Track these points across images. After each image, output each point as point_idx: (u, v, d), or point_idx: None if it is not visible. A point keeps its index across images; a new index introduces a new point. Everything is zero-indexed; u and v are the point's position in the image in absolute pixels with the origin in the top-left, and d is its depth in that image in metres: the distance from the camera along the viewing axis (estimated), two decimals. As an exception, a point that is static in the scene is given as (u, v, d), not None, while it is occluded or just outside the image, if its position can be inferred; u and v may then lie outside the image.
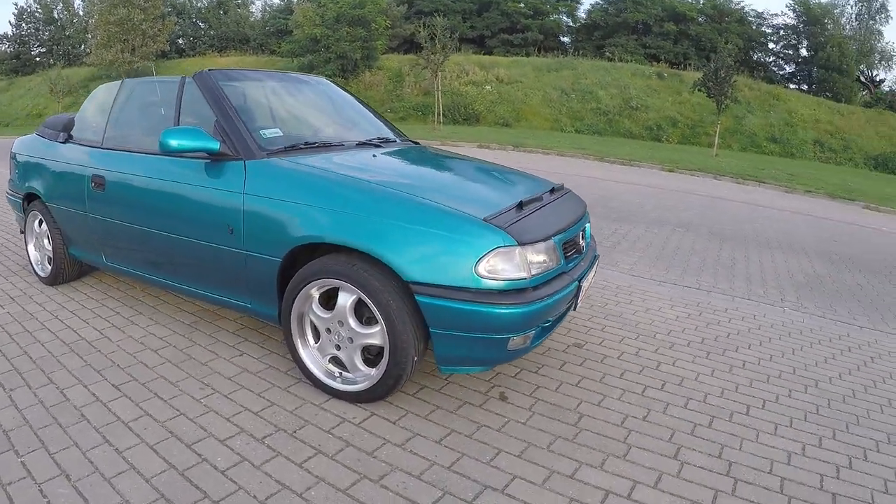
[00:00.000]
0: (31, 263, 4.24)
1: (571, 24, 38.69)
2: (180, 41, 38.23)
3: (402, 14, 33.75)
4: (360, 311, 2.47)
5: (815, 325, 4.06)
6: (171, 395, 2.67)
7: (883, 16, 32.26)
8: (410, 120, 25.98)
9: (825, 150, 25.49)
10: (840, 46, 30.44)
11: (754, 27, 35.21)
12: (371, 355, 2.56)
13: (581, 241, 2.87)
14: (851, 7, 33.38)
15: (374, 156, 3.12)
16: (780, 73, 34.92)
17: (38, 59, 41.99)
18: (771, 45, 35.83)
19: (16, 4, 53.31)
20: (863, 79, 31.96)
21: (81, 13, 39.25)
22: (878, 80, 32.35)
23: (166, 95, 3.28)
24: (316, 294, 2.55)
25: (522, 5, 36.81)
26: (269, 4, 39.96)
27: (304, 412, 2.54)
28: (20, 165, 4.18)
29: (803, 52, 34.46)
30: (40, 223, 4.08)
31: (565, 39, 39.01)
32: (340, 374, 2.61)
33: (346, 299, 2.43)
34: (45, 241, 4.06)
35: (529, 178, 3.35)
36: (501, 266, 2.20)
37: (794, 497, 2.14)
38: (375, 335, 2.39)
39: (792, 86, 33.26)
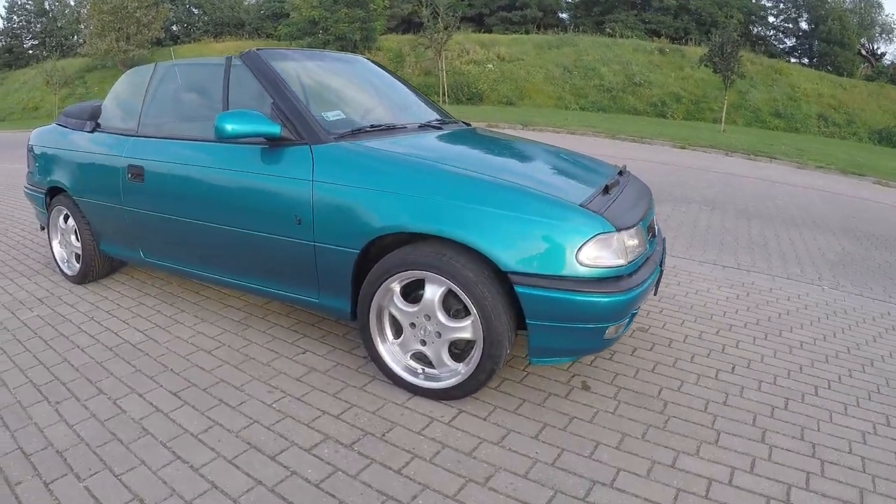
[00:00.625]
0: (57, 262, 4.01)
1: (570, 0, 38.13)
2: (174, 28, 37.55)
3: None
4: (446, 303, 2.33)
5: (856, 304, 4.06)
6: (238, 401, 2.47)
7: (884, -13, 31.87)
8: (412, 101, 25.56)
9: (829, 124, 25.25)
10: (841, 19, 30.05)
11: (754, 0, 34.73)
12: (458, 349, 2.42)
13: (654, 224, 2.85)
14: (851, -21, 33.00)
15: (440, 139, 2.95)
16: (781, 47, 34.55)
17: (31, 51, 41.28)
18: (771, 19, 35.47)
19: (7, -2, 52.26)
20: (864, 52, 31.58)
21: (73, 3, 38.56)
22: (879, 53, 32.00)
23: (209, 78, 3.05)
24: (397, 287, 2.39)
25: (522, -19, 36.28)
26: (264, -13, 39.32)
27: (387, 413, 2.38)
28: (41, 158, 3.94)
29: (803, 25, 34.08)
30: (66, 219, 3.85)
31: (564, 16, 38.48)
32: (423, 370, 2.46)
33: (434, 292, 2.28)
34: (73, 237, 3.83)
35: (596, 160, 3.21)
36: (601, 253, 2.12)
37: (877, 476, 2.14)
38: (466, 329, 2.27)
39: (793, 60, 32.93)
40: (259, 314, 3.39)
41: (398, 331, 2.50)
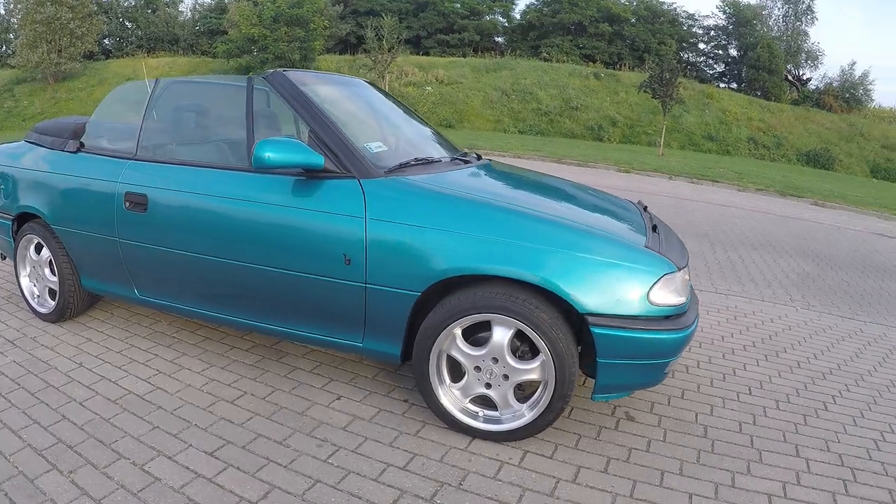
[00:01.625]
0: (25, 297, 3.55)
1: (507, 24, 38.79)
2: (106, 41, 35.92)
3: (337, 14, 32.91)
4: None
5: (830, 323, 4.32)
6: (289, 459, 2.20)
7: (808, 17, 33.90)
8: (354, 123, 25.24)
9: (759, 147, 26.41)
10: (770, 47, 31.68)
11: (685, 28, 36.31)
12: (520, 390, 2.37)
13: None
14: (779, 9, 34.92)
15: (483, 175, 2.86)
16: (711, 72, 36.16)
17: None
18: (701, 46, 37.05)
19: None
20: (790, 77, 33.39)
21: (3, 11, 36.27)
22: (804, 78, 33.85)
23: (227, 99, 2.85)
24: (459, 330, 2.30)
25: (458, 5, 36.59)
26: (199, 3, 38.23)
27: (454, 460, 2.26)
28: (7, 179, 3.49)
29: (733, 52, 35.80)
30: (38, 249, 3.42)
31: (499, 40, 39.11)
32: (481, 412, 2.38)
33: (503, 335, 2.22)
34: (47, 270, 3.40)
35: (615, 196, 3.20)
36: (667, 292, 2.18)
37: (897, 478, 2.33)
38: (535, 370, 2.24)
39: (722, 85, 34.49)
40: (272, 356, 3.08)
41: (455, 374, 2.41)
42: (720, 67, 37.17)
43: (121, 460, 2.16)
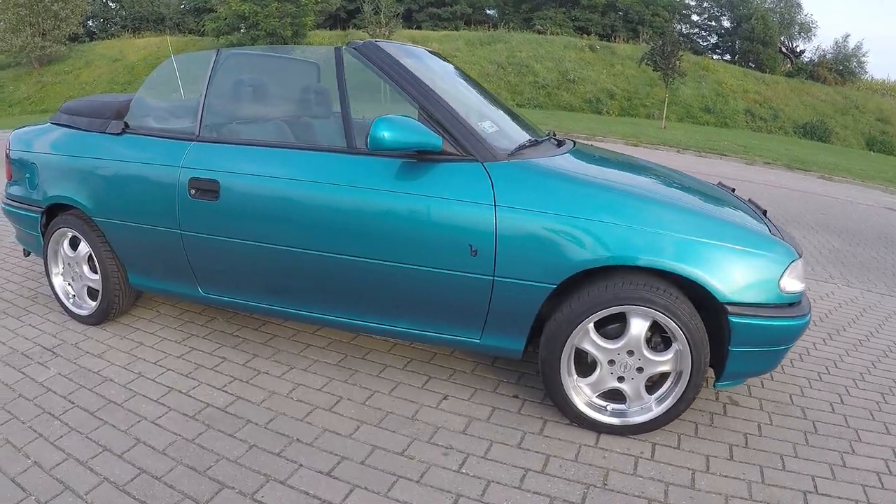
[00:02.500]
0: (60, 299, 3.19)
1: (499, -4, 38.09)
2: (90, 23, 34.80)
3: (326, -12, 32.13)
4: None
5: (874, 301, 4.29)
6: (418, 473, 1.99)
7: (802, -12, 33.59)
8: (350, 100, 24.73)
9: (756, 119, 26.18)
10: (764, 18, 31.36)
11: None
12: (648, 383, 2.28)
13: None
14: (772, -21, 34.51)
15: (590, 159, 2.68)
16: (704, 44, 35.79)
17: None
18: (694, 17, 36.70)
19: None
20: (784, 50, 33.11)
21: None
22: (798, 50, 33.58)
23: (307, 74, 2.62)
24: (592, 323, 2.17)
25: (450, -23, 35.95)
26: (185, -20, 37.16)
27: (588, 458, 2.16)
28: (34, 167, 3.10)
29: (726, 23, 35.46)
30: (73, 244, 3.06)
31: (491, 12, 38.43)
32: (609, 406, 2.29)
33: (640, 327, 2.13)
34: (85, 267, 3.04)
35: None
36: (793, 279, 2.15)
37: None
38: (667, 362, 2.18)
39: (715, 56, 34.16)
40: (355, 353, 2.81)
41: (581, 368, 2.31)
42: (713, 39, 36.83)
43: (224, 490, 1.85)
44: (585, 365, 2.27)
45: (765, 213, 2.51)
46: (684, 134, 18.35)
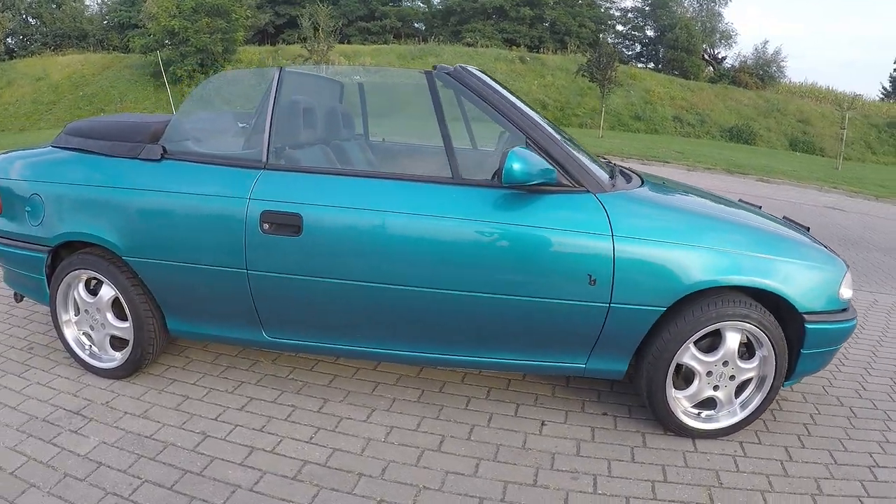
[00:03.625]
0: (75, 351, 2.77)
1: (427, 9, 38.15)
2: (9, 40, 32.54)
3: (254, 3, 31.35)
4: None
5: (891, 303, 4.51)
6: (562, 501, 2.01)
7: (722, -2, 35.17)
8: (285, 116, 24.14)
9: (684, 125, 27.19)
10: (687, 27, 32.70)
11: (603, 10, 36.92)
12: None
13: None
14: (694, -11, 36.06)
15: (675, 189, 2.83)
16: (629, 53, 36.97)
17: None
18: (619, 28, 37.85)
19: None
20: (706, 57, 34.59)
21: None
22: (720, 57, 35.17)
23: (392, 98, 2.61)
24: (692, 340, 2.30)
25: (379, -9, 35.78)
26: (107, -4, 35.37)
27: (696, 462, 2.27)
28: (37, 199, 2.68)
29: (650, 32, 36.77)
30: (91, 288, 2.68)
31: (418, 25, 38.50)
32: (703, 413, 2.43)
33: (735, 339, 2.31)
34: (109, 314, 2.66)
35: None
36: (847, 287, 2.41)
37: None
38: (753, 369, 2.37)
39: (640, 65, 35.33)
40: (430, 387, 2.68)
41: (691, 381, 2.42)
42: (637, 48, 38.11)
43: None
44: (677, 378, 2.42)
45: (808, 229, 2.72)
46: (622, 142, 18.84)
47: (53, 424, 2.34)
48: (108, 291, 2.62)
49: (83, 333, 2.78)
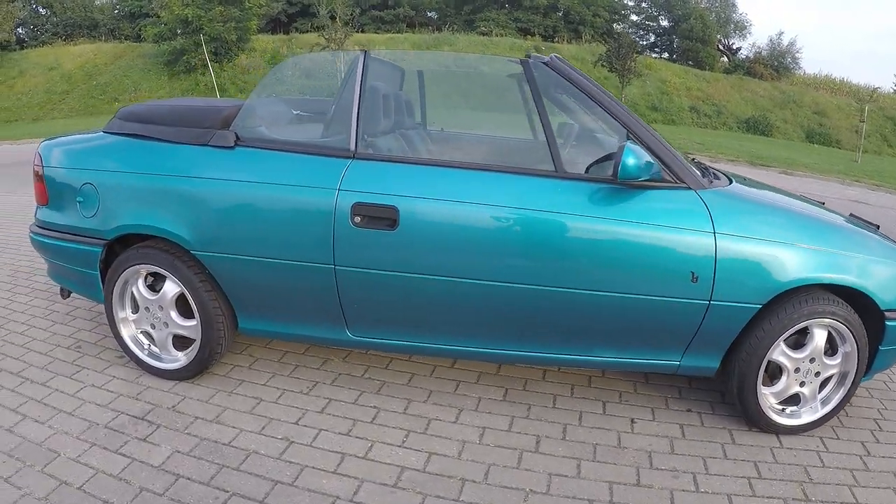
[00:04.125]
0: (133, 352, 2.62)
1: (440, -2, 37.77)
2: (20, 30, 32.40)
3: (266, -9, 31.13)
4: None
5: None
6: (668, 500, 1.99)
7: (737, -13, 34.58)
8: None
9: (701, 115, 26.87)
10: (702, 17, 32.28)
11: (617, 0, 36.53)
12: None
13: None
14: (707, -21, 35.53)
15: (754, 184, 2.84)
16: (643, 43, 36.49)
17: None
18: (633, 17, 37.42)
19: None
20: (721, 47, 34.15)
21: None
22: (735, 48, 34.70)
23: (484, 87, 2.60)
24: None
25: (392, -21, 35.45)
26: (119, -15, 35.19)
27: (785, 458, 2.26)
28: (91, 189, 2.51)
29: (664, 22, 36.29)
30: (150, 283, 2.52)
31: (431, 14, 38.14)
32: (787, 409, 2.45)
33: (822, 336, 2.32)
34: (173, 312, 2.50)
35: None
36: None
37: None
38: (836, 365, 2.39)
39: (654, 55, 34.89)
40: (514, 385, 2.63)
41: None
42: (651, 38, 37.66)
43: None
44: (765, 374, 2.41)
45: (878, 227, 2.67)
46: (644, 133, 18.56)
47: (118, 432, 2.18)
48: (171, 288, 2.47)
49: (141, 332, 2.63)
